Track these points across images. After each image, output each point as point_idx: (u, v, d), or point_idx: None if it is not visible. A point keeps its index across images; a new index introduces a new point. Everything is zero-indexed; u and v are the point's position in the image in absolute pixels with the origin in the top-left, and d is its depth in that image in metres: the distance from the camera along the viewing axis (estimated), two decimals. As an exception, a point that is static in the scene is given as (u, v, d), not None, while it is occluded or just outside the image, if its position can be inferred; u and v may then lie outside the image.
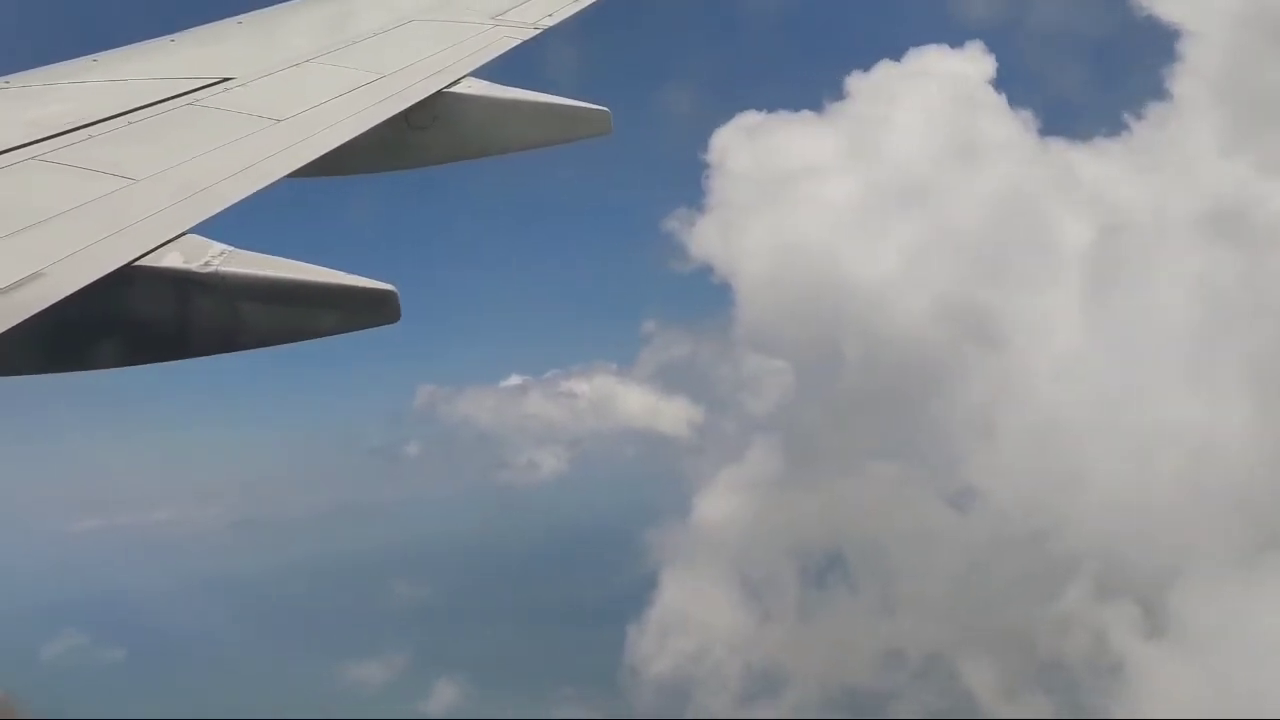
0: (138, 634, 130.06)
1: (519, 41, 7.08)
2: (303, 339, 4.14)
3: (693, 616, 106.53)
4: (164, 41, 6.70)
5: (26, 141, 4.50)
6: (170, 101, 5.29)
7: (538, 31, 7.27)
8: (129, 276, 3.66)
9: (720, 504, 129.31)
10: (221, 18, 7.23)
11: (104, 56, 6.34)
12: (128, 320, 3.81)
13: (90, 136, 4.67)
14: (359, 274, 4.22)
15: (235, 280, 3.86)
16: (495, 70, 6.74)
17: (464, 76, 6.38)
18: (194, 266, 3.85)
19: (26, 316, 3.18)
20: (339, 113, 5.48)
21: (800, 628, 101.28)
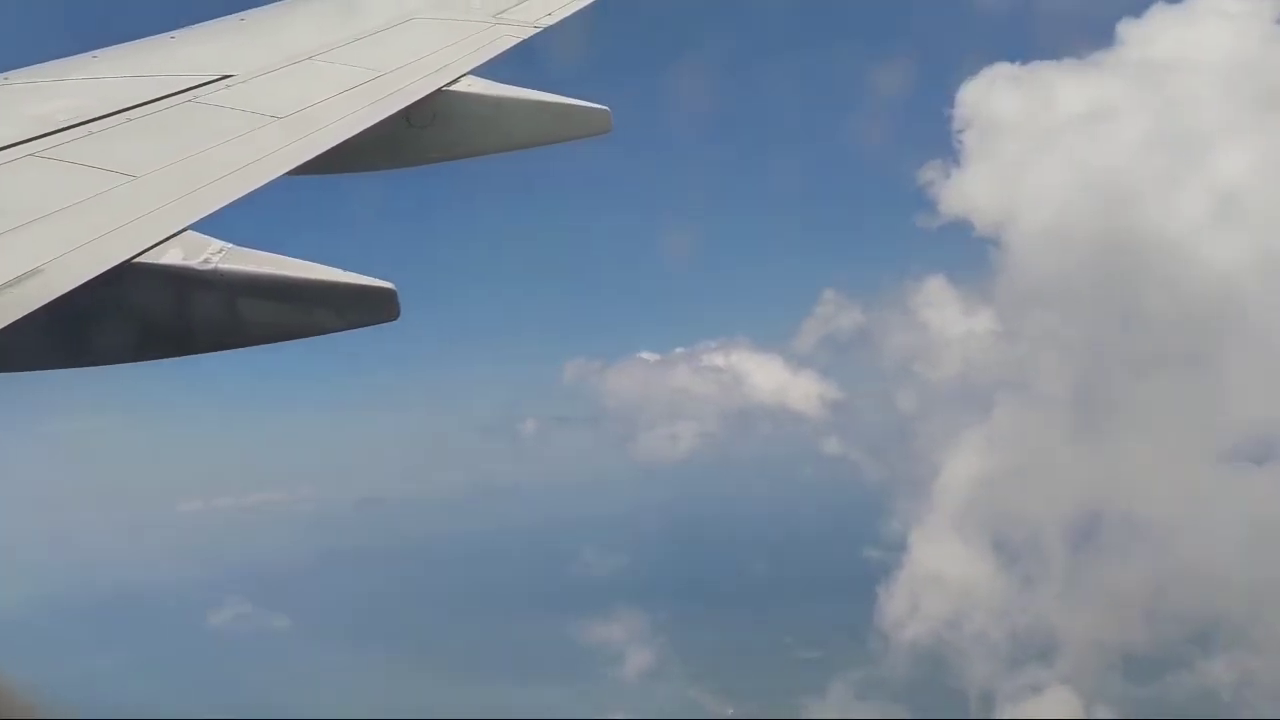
0: (298, 603, 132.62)
1: (519, 40, 7.08)
2: (302, 336, 4.15)
3: (947, 581, 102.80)
4: (164, 39, 6.70)
5: (26, 138, 4.50)
6: (171, 99, 5.29)
7: (538, 30, 7.27)
8: (129, 273, 3.67)
9: (969, 466, 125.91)
10: (222, 15, 7.25)
11: (104, 53, 6.34)
12: (127, 316, 3.81)
13: (90, 133, 4.67)
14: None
15: (234, 277, 3.87)
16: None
17: (464, 75, 6.38)
18: (194, 263, 3.86)
19: (25, 313, 3.18)
20: (339, 110, 5.48)
21: (1068, 591, 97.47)
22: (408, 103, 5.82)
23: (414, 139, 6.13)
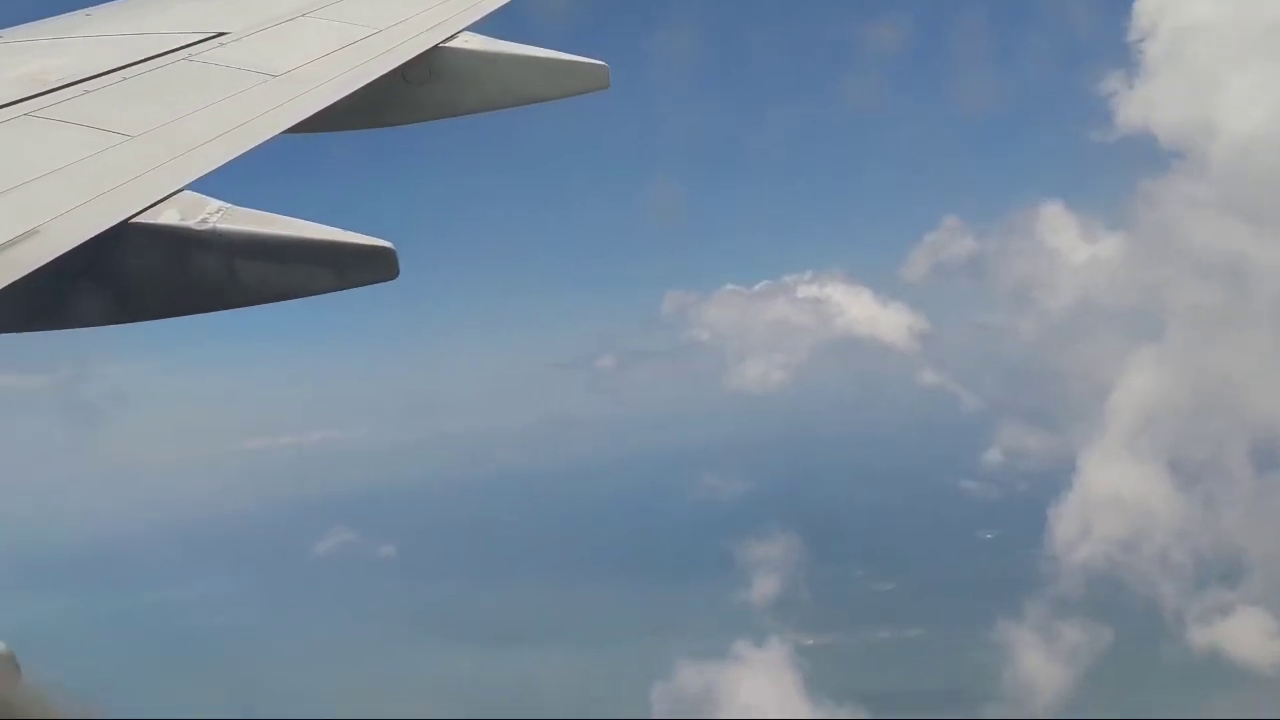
0: (404, 533, 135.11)
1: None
2: (301, 296, 4.14)
3: (1122, 501, 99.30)
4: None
5: (22, 97, 4.49)
6: (165, 57, 5.26)
7: None
8: (126, 233, 3.67)
9: (1143, 385, 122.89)
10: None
11: (98, 10, 6.29)
12: (125, 277, 3.82)
13: (85, 92, 4.65)
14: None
15: (232, 237, 3.86)
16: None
17: (460, 31, 6.33)
18: (191, 223, 3.85)
19: (23, 274, 3.19)
20: (335, 68, 5.45)
21: (1254, 511, 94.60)
22: (404, 60, 5.78)
23: (411, 96, 6.09)
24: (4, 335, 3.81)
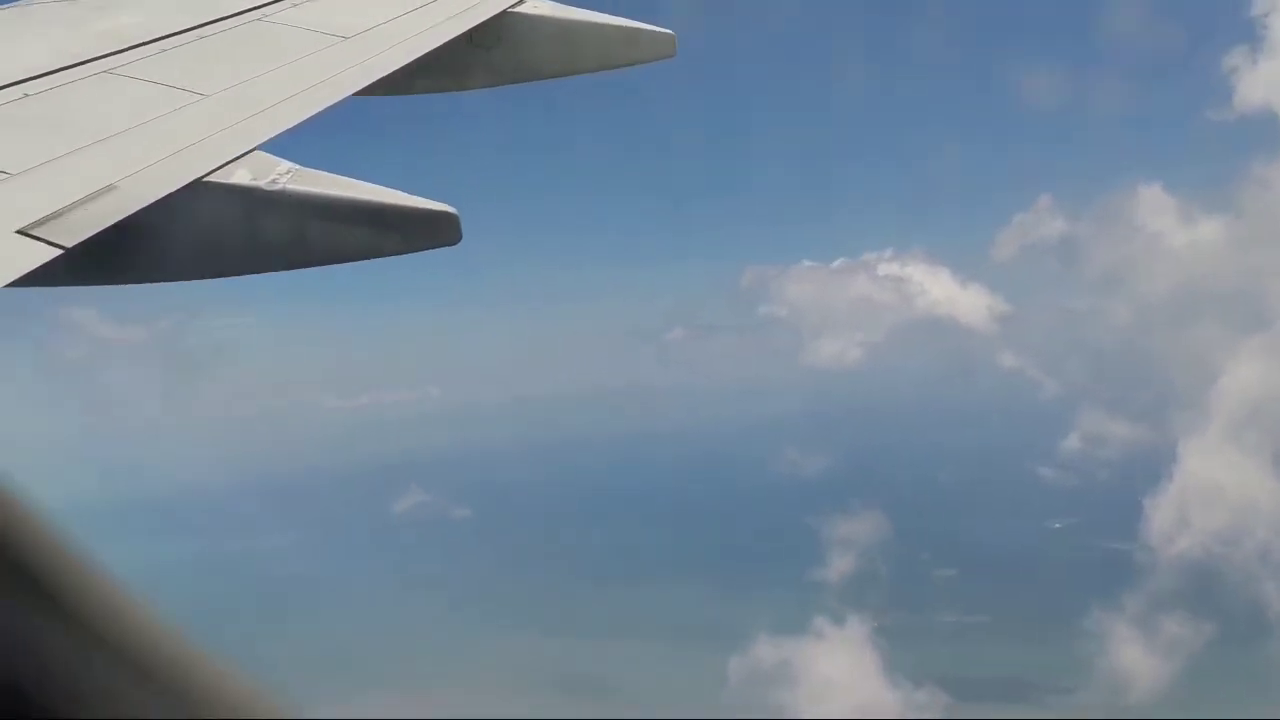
0: (481, 495, 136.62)
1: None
2: (367, 258, 4.20)
3: (1223, 494, 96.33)
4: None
5: (102, 54, 4.57)
6: (239, 17, 5.32)
7: None
8: (198, 191, 3.74)
9: (1249, 375, 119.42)
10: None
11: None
12: (197, 234, 3.89)
13: (162, 50, 4.73)
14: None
15: (301, 198, 3.91)
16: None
17: None
18: (261, 183, 3.91)
19: (100, 228, 3.26)
20: (405, 31, 5.47)
21: None
22: (473, 24, 5.79)
23: (480, 60, 6.10)
24: (94, 288, 3.92)
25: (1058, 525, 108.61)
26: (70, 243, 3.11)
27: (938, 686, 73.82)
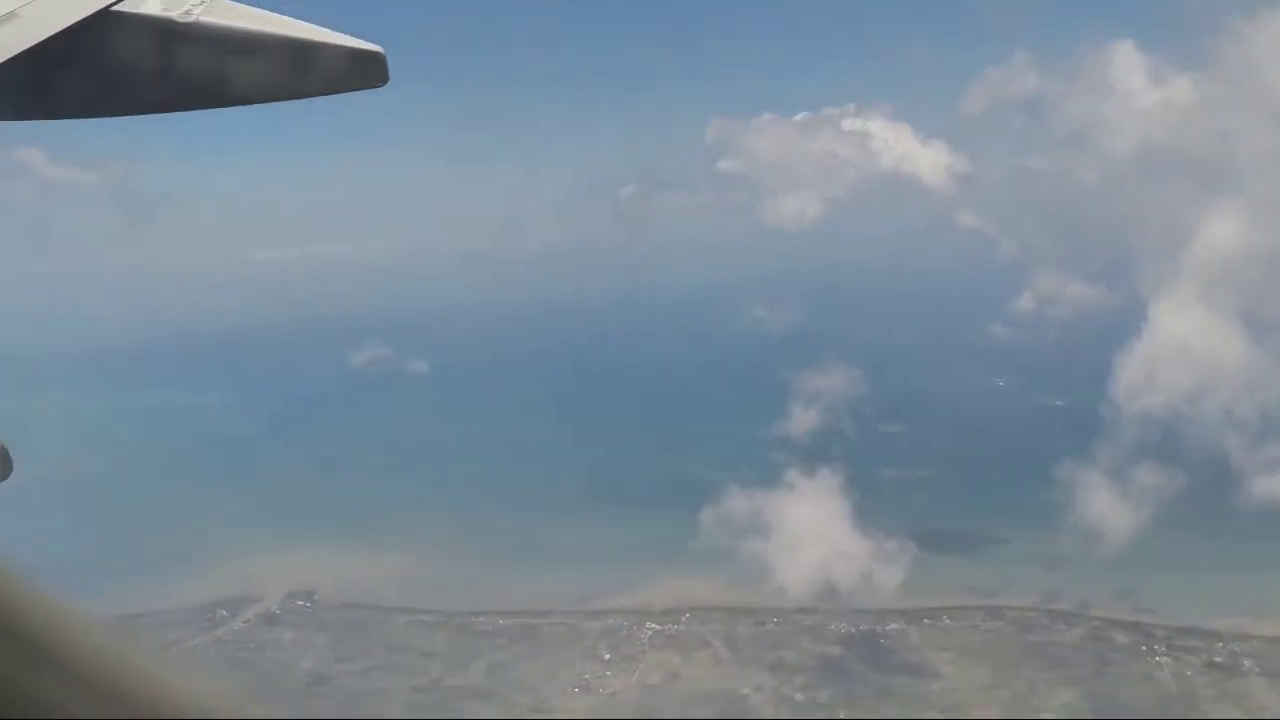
0: (438, 351, 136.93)
1: None
2: (288, 98, 4.05)
3: (1190, 351, 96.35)
4: None
5: None
6: None
7: None
8: (106, 21, 3.58)
9: (1223, 231, 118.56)
10: None
11: None
12: (103, 68, 3.74)
13: None
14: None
15: (215, 31, 3.75)
16: None
17: None
18: (174, 15, 3.74)
19: (1, 60, 3.13)
20: None
21: None
22: None
23: None
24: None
25: (1001, 383, 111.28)
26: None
27: (907, 537, 76.08)
